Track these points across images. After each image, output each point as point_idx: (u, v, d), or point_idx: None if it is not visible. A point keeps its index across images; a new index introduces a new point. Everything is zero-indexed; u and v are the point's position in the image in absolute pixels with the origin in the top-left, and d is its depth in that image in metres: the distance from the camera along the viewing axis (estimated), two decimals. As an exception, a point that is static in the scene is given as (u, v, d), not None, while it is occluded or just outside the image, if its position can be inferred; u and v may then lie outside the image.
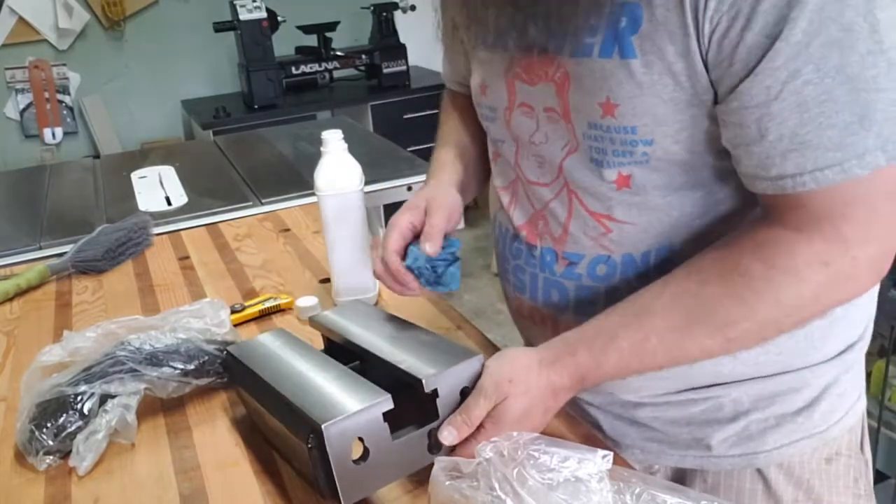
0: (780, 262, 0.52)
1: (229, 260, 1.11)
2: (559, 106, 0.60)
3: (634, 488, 0.48)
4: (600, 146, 0.58)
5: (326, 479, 0.54)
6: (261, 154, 1.81)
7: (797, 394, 0.64)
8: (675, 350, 0.56)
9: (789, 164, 0.50)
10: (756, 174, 0.52)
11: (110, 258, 1.10)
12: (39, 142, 2.94)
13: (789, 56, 0.47)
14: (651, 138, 0.55)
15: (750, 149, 0.51)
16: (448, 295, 3.12)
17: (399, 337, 0.65)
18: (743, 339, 0.55)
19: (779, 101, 0.49)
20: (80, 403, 0.67)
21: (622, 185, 0.59)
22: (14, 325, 0.95)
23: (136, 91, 3.02)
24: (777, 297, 0.52)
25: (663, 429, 0.67)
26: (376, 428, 0.54)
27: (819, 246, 0.51)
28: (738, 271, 0.53)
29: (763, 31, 0.48)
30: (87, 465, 0.64)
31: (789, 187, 0.51)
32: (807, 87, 0.48)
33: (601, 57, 0.55)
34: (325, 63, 2.96)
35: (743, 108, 0.50)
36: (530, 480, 0.47)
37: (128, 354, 0.70)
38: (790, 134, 0.49)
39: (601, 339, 0.57)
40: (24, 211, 1.49)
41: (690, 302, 0.55)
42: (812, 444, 0.66)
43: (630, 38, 0.53)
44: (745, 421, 0.65)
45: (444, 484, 0.50)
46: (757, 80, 0.49)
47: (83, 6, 2.87)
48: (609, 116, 0.56)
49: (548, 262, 0.66)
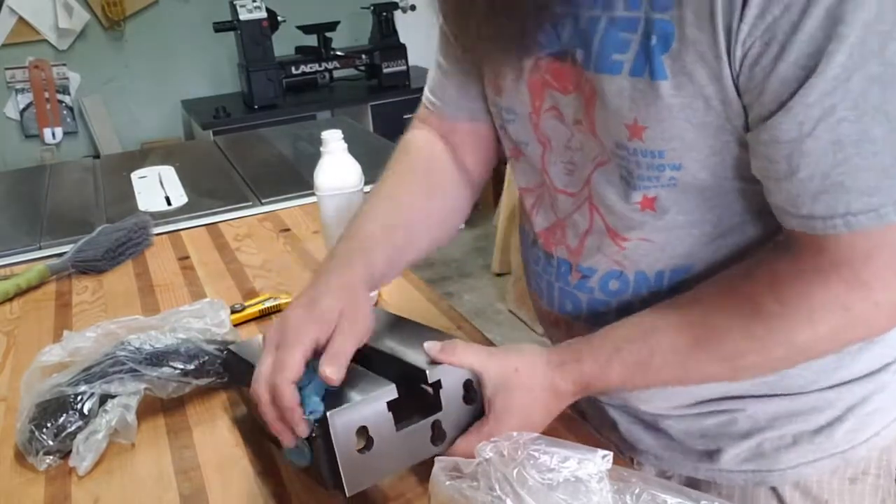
0: (794, 301, 0.50)
1: (229, 260, 1.11)
2: (586, 120, 0.57)
3: (634, 488, 0.48)
4: (627, 167, 0.55)
5: (330, 469, 0.54)
6: (261, 154, 1.81)
7: (818, 414, 0.62)
8: (679, 371, 0.55)
9: (820, 205, 0.47)
10: (785, 209, 0.50)
11: (110, 258, 1.10)
12: (39, 142, 2.94)
13: (825, 91, 0.44)
14: (679, 163, 0.53)
15: (780, 184, 0.49)
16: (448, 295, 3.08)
17: (402, 333, 0.65)
18: (750, 370, 0.54)
19: (812, 139, 0.46)
20: (80, 403, 0.67)
21: (646, 207, 0.57)
22: (14, 325, 0.95)
23: (136, 91, 3.02)
24: (789, 337, 0.51)
25: (679, 437, 0.66)
26: (380, 418, 0.54)
27: (837, 289, 0.49)
28: (752, 304, 0.52)
29: (798, 63, 0.45)
30: (87, 465, 0.64)
31: (819, 229, 0.48)
32: (842, 125, 0.45)
33: (632, 76, 0.51)
34: (325, 63, 2.96)
35: (773, 141, 0.47)
36: (530, 480, 0.47)
37: (128, 354, 0.70)
38: (822, 174, 0.46)
39: (607, 349, 0.56)
40: (24, 211, 1.49)
41: (698, 328, 0.54)
42: (832, 463, 0.63)
43: (661, 58, 0.50)
44: (758, 438, 0.63)
45: (444, 484, 0.50)
46: (789, 114, 0.46)
47: (83, 6, 2.87)
48: (636, 139, 0.53)
49: (563, 273, 0.65)
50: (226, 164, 1.73)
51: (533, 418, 0.57)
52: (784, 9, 0.44)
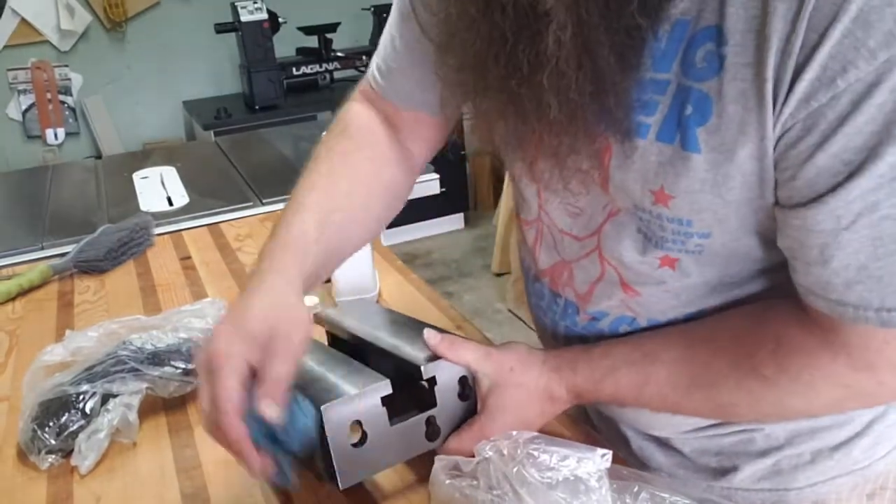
0: (794, 371, 0.49)
1: (231, 260, 1.11)
2: (597, 175, 0.51)
3: (633, 487, 0.48)
4: (648, 228, 0.52)
5: (324, 462, 0.54)
6: (262, 154, 1.81)
7: (838, 429, 0.60)
8: (670, 403, 0.55)
9: (852, 294, 0.44)
10: (812, 291, 0.47)
11: (112, 258, 1.10)
12: (41, 142, 2.95)
13: (869, 188, 0.41)
14: (709, 231, 0.50)
15: (809, 268, 0.46)
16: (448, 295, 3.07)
17: (401, 329, 0.66)
18: (739, 417, 0.55)
19: (850, 232, 0.43)
20: (82, 403, 0.67)
21: (665, 265, 0.53)
22: (16, 325, 0.96)
23: (138, 92, 3.03)
24: (782, 402, 0.51)
25: (691, 456, 0.64)
26: (375, 412, 0.55)
27: (843, 369, 0.48)
28: (751, 363, 0.51)
29: (840, 156, 0.41)
30: (88, 464, 0.65)
31: (849, 317, 0.45)
32: (885, 223, 0.42)
33: (659, 141, 0.47)
34: (325, 64, 2.96)
35: (806, 229, 0.44)
36: (530, 479, 0.47)
37: (129, 354, 0.70)
38: (858, 266, 0.44)
39: (603, 367, 0.56)
40: (26, 211, 1.49)
41: (696, 370, 0.53)
42: (851, 480, 0.61)
43: (695, 130, 0.45)
44: (776, 456, 0.61)
45: (444, 483, 0.50)
46: (827, 207, 0.43)
47: (85, 7, 2.87)
48: (661, 205, 0.49)
49: (569, 314, 0.62)
50: (227, 164, 1.74)
51: (526, 417, 0.57)
52: (832, 98, 0.40)
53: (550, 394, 0.57)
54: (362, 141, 0.66)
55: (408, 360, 0.58)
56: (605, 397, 0.57)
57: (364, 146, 0.66)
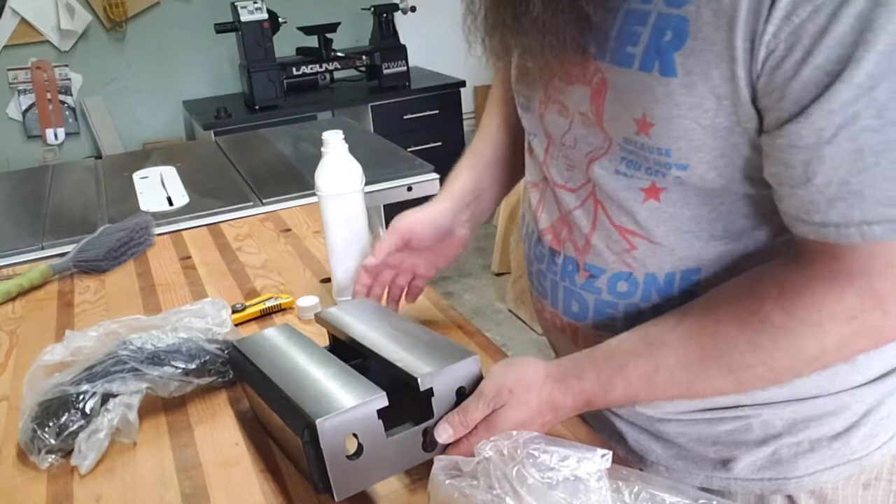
0: (802, 314, 0.49)
1: (230, 260, 1.11)
2: (593, 112, 0.56)
3: (633, 487, 0.48)
4: (634, 160, 0.55)
5: (320, 474, 0.54)
6: (262, 154, 1.81)
7: (835, 418, 0.61)
8: (684, 387, 0.54)
9: (835, 212, 0.46)
10: (798, 216, 0.49)
11: (112, 258, 1.10)
12: (42, 142, 2.95)
13: (848, 99, 0.43)
14: (686, 163, 0.52)
15: (794, 190, 0.48)
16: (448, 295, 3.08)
17: (400, 335, 0.65)
18: (756, 382, 0.53)
19: (831, 146, 0.45)
20: (81, 402, 0.67)
21: (650, 196, 0.56)
22: (16, 325, 0.96)
23: (138, 92, 3.03)
24: (796, 348, 0.50)
25: (689, 446, 0.65)
26: (370, 424, 0.55)
27: (850, 301, 0.48)
28: (759, 317, 0.51)
29: (823, 67, 0.43)
30: (88, 463, 0.65)
31: (832, 236, 0.47)
32: (864, 134, 0.44)
33: (641, 70, 0.51)
34: (325, 64, 2.96)
35: (790, 146, 0.46)
36: (530, 479, 0.47)
37: (129, 354, 0.70)
38: (840, 181, 0.45)
39: (610, 366, 0.56)
40: (26, 211, 1.49)
41: (704, 341, 0.53)
42: (848, 470, 0.62)
43: (673, 55, 0.49)
44: (775, 445, 0.62)
45: (443, 483, 0.50)
46: (809, 120, 0.45)
47: (85, 7, 2.87)
48: (643, 135, 0.53)
49: (569, 272, 0.64)
50: (227, 164, 1.74)
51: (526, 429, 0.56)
52: (812, 11, 0.43)
53: (555, 405, 0.57)
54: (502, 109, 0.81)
55: (405, 371, 0.58)
56: (617, 398, 0.56)
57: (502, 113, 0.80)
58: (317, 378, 0.60)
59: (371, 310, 0.74)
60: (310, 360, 0.64)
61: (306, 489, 0.61)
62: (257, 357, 0.67)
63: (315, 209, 1.10)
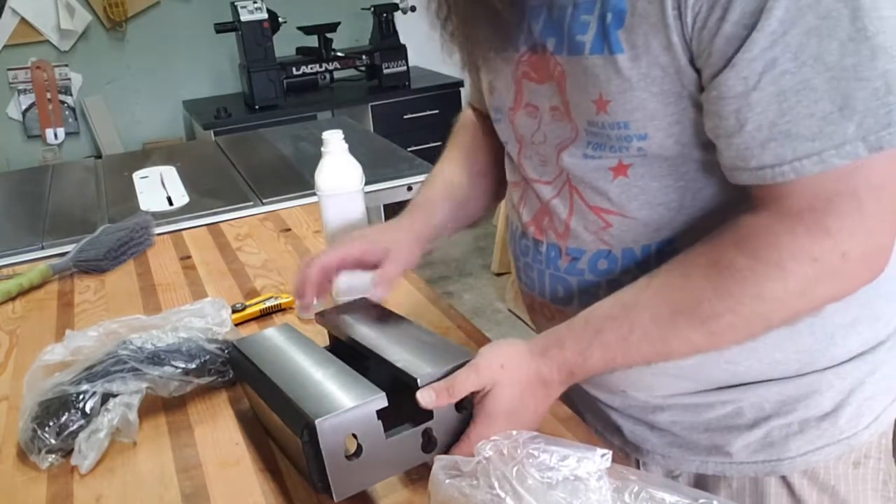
0: (763, 254, 0.51)
1: (230, 259, 1.11)
2: (561, 104, 0.61)
3: (633, 487, 0.48)
4: (599, 142, 0.59)
5: (319, 474, 0.54)
6: (262, 154, 1.81)
7: (820, 397, 0.63)
8: (659, 343, 0.55)
9: (768, 154, 0.50)
10: (735, 165, 0.52)
11: (112, 258, 1.10)
12: (42, 142, 2.95)
13: (765, 46, 0.47)
14: (645, 132, 0.56)
15: (730, 140, 0.51)
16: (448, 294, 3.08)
17: (400, 335, 0.66)
18: (727, 333, 0.54)
19: (757, 91, 0.49)
20: (82, 402, 0.67)
21: (619, 174, 0.59)
22: (16, 325, 0.96)
23: (138, 91, 3.03)
24: (760, 291, 0.52)
25: (683, 434, 0.66)
26: (370, 425, 0.55)
27: (803, 239, 0.50)
28: (723, 263, 0.53)
29: (740, 22, 0.48)
30: (89, 463, 0.65)
31: (769, 177, 0.50)
32: (784, 77, 0.48)
33: (591, 54, 0.55)
34: (325, 64, 2.96)
35: (721, 98, 0.50)
36: (529, 479, 0.47)
37: (129, 354, 0.70)
38: (769, 124, 0.49)
39: (588, 332, 0.57)
40: (26, 211, 1.49)
41: (674, 295, 0.55)
42: (838, 449, 0.64)
43: (616, 33, 0.53)
44: (766, 427, 0.63)
45: (443, 483, 0.50)
46: (734, 71, 0.49)
47: (85, 7, 2.87)
48: (603, 113, 0.57)
49: (552, 258, 0.67)
50: (227, 164, 1.74)
51: (525, 412, 0.57)
52: None
53: (542, 379, 0.58)
54: (474, 131, 0.83)
55: (404, 371, 0.58)
56: (596, 364, 0.57)
57: (475, 134, 0.83)
58: (316, 378, 0.60)
59: (371, 310, 0.74)
60: (309, 360, 0.64)
61: (306, 489, 0.61)
62: (257, 357, 0.67)
63: (315, 209, 1.10)
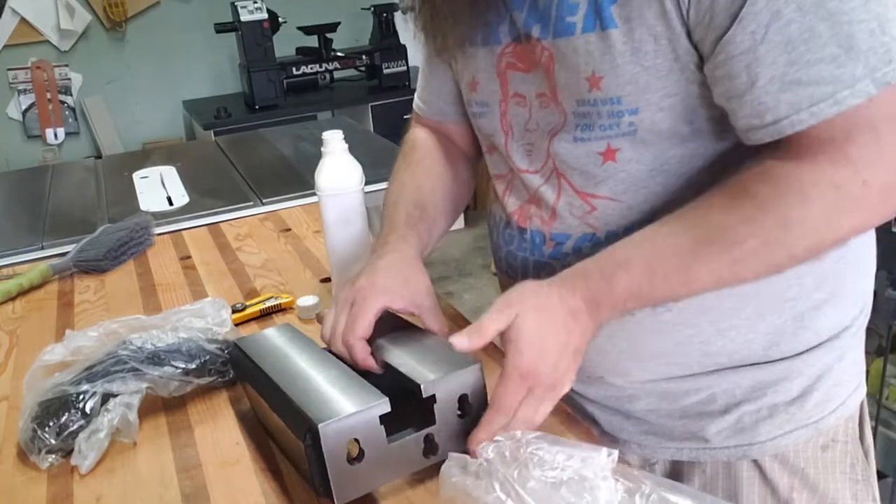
0: (784, 182, 0.52)
1: (230, 259, 1.11)
2: (548, 88, 0.62)
3: (645, 489, 0.48)
4: (588, 122, 0.60)
5: (321, 478, 0.54)
6: (262, 154, 1.81)
7: (789, 383, 0.65)
8: (683, 274, 0.55)
9: (783, 105, 0.50)
10: (751, 125, 0.53)
11: (112, 258, 1.10)
12: (41, 142, 2.95)
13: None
14: (636, 107, 0.57)
15: (742, 99, 0.52)
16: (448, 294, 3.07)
17: (402, 338, 0.65)
18: (751, 260, 0.54)
19: (765, 44, 0.50)
20: (82, 402, 0.67)
21: (608, 159, 0.60)
22: (16, 325, 0.95)
23: (138, 92, 3.03)
24: (784, 216, 0.52)
25: (658, 422, 0.68)
26: (372, 430, 0.55)
27: (825, 166, 0.51)
28: (744, 195, 0.53)
29: None
30: (88, 463, 0.65)
31: (787, 128, 0.51)
32: (790, 27, 0.49)
33: (584, 32, 0.57)
34: (325, 64, 2.96)
35: (730, 58, 0.51)
36: (532, 481, 0.47)
37: (130, 354, 0.70)
38: (780, 75, 0.50)
39: (611, 263, 0.57)
40: (26, 211, 1.49)
41: (697, 227, 0.55)
42: (806, 433, 0.66)
43: (609, 9, 0.55)
44: (737, 413, 0.65)
45: (450, 480, 0.50)
46: (741, 26, 0.50)
47: (85, 7, 2.87)
48: (595, 89, 0.58)
49: (537, 245, 0.67)
50: (227, 164, 1.74)
51: (549, 345, 0.56)
52: None
53: (567, 307, 0.56)
54: (429, 150, 0.82)
55: (408, 377, 0.58)
56: (621, 294, 0.56)
57: (432, 152, 0.81)
58: (319, 381, 0.60)
59: None
60: (312, 362, 0.64)
61: (306, 489, 0.61)
62: (259, 357, 0.67)
63: (315, 209, 1.10)
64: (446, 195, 0.79)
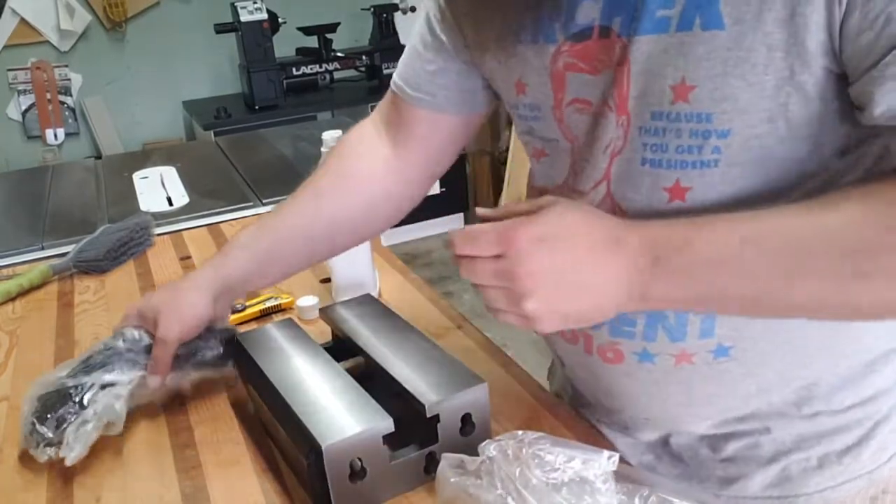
0: None
1: (231, 260, 1.11)
2: (616, 97, 0.52)
3: (644, 491, 0.48)
4: (661, 142, 0.50)
5: (322, 494, 0.55)
6: (262, 154, 1.81)
7: (846, 434, 0.59)
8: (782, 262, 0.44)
9: None
10: None
11: (112, 258, 1.10)
12: (41, 143, 2.94)
13: None
14: (728, 128, 0.47)
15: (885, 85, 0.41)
16: (448, 294, 3.07)
17: (407, 348, 0.65)
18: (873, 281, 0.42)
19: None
20: (79, 395, 0.66)
21: (675, 198, 0.50)
22: (16, 325, 0.95)
23: (138, 92, 3.02)
24: None
25: (696, 465, 0.62)
26: (375, 449, 0.55)
27: None
28: (886, 200, 0.43)
29: None
30: (74, 455, 0.63)
31: None
32: None
33: (679, 31, 0.46)
34: (325, 64, 2.96)
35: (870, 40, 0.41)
36: (534, 480, 0.47)
37: (126, 345, 0.70)
38: None
39: (689, 226, 0.47)
40: (26, 211, 1.49)
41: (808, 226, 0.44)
42: (858, 485, 0.60)
43: (717, 5, 0.44)
44: (784, 462, 0.59)
45: (449, 481, 0.50)
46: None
47: (85, 7, 2.87)
48: (681, 101, 0.48)
49: None
50: (227, 164, 1.73)
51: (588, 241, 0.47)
52: None
53: (616, 236, 0.47)
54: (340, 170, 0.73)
55: (413, 395, 0.58)
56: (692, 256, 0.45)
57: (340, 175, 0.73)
58: (324, 391, 0.60)
59: (375, 310, 0.74)
60: (315, 370, 0.64)
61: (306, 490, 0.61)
62: (261, 357, 0.67)
63: (316, 209, 1.09)
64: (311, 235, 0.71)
